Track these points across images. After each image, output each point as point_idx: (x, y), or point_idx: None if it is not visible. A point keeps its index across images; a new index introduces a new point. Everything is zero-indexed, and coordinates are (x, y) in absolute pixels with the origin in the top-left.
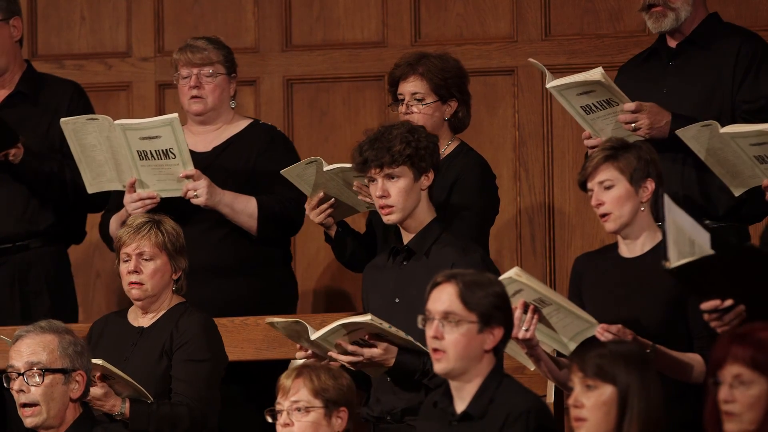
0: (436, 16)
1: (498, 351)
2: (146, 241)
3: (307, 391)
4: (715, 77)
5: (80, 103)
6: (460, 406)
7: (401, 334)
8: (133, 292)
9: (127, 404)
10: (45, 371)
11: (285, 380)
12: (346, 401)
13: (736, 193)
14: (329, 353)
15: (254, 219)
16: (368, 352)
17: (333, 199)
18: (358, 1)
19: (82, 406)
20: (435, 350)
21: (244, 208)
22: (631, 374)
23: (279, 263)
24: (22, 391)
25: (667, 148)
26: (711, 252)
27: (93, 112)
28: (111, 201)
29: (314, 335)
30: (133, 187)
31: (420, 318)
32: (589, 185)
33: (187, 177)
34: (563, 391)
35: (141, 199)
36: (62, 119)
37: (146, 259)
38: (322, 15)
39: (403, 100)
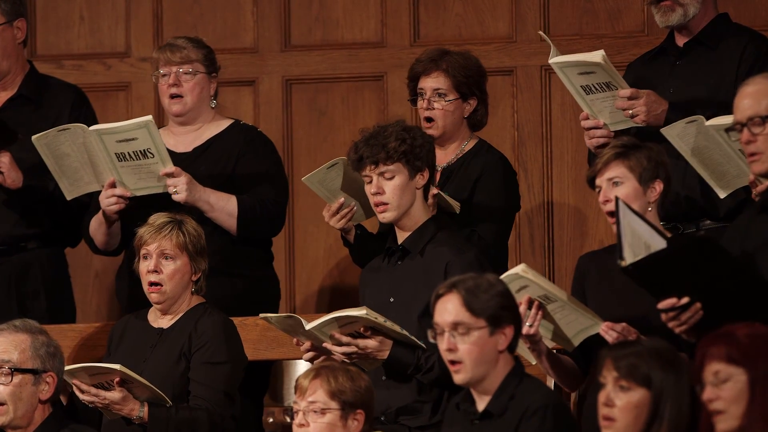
0: (435, 16)
1: (512, 349)
2: (167, 241)
3: (324, 393)
4: (720, 76)
5: (82, 110)
6: (481, 405)
7: (396, 327)
8: (153, 296)
9: (146, 408)
10: (14, 370)
11: (303, 380)
12: (363, 403)
13: (722, 195)
14: (324, 345)
15: (234, 218)
16: (363, 343)
17: (353, 203)
18: (357, 2)
19: (52, 407)
20: (452, 362)
21: (224, 206)
22: (667, 377)
23: (261, 263)
24: None
25: (670, 145)
26: (665, 247)
27: (95, 119)
28: (92, 203)
29: (309, 326)
30: (112, 186)
31: (429, 332)
32: (598, 182)
33: (167, 175)
34: (561, 387)
35: (114, 196)
36: (33, 137)
37: (167, 259)
38: (321, 15)
39: (422, 95)
